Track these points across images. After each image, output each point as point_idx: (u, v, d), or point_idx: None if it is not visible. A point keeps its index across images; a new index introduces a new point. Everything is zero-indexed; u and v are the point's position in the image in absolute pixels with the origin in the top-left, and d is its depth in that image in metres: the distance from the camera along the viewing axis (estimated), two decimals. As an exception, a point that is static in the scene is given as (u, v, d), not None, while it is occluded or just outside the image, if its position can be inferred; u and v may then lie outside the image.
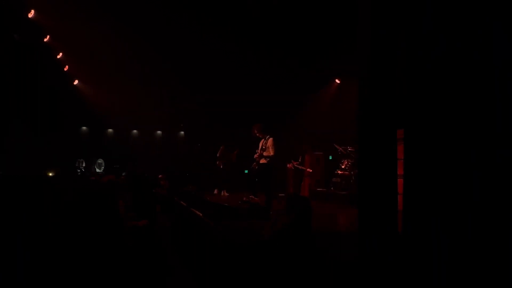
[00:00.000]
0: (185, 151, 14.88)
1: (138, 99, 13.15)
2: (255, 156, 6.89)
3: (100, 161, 13.98)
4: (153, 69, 12.07)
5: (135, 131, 15.44)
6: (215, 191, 9.82)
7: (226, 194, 9.56)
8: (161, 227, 6.48)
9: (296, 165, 10.24)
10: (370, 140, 2.38)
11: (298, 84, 11.65)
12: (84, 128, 14.86)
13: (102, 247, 3.09)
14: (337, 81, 11.89)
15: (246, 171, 13.54)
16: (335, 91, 12.09)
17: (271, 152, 6.65)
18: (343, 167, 9.43)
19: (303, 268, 3.16)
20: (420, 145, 1.85)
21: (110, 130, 15.12)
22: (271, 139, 6.72)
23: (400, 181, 2.25)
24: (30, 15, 9.17)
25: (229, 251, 4.57)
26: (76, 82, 12.94)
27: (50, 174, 12.14)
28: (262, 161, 6.72)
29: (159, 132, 15.70)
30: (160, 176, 9.13)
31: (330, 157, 11.38)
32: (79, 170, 13.19)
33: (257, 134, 6.84)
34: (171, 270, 6.04)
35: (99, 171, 13.64)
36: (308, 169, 10.05)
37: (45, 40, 10.46)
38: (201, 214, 6.32)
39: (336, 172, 9.66)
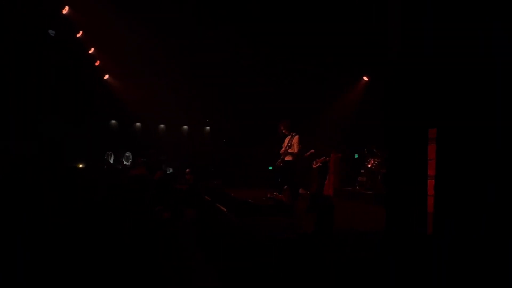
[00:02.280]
0: (210, 146, 15.03)
1: (165, 94, 13.35)
2: (281, 151, 6.88)
3: (128, 154, 14.31)
4: (181, 65, 12.22)
5: (162, 125, 15.70)
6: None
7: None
8: (186, 221, 6.57)
9: (320, 162, 10.18)
10: (399, 139, 2.32)
11: (326, 81, 11.53)
12: (113, 121, 15.22)
13: (132, 237, 3.17)
14: (365, 78, 11.69)
15: (270, 168, 13.57)
16: (363, 88, 11.89)
17: (295, 149, 6.62)
18: (369, 166, 9.28)
19: (325, 266, 3.14)
20: (455, 145, 1.79)
21: (138, 124, 15.43)
22: (297, 136, 6.68)
23: (431, 182, 2.19)
24: (64, 12, 9.46)
25: (252, 247, 4.59)
26: (106, 76, 13.27)
27: (80, 166, 12.54)
28: (287, 158, 6.70)
29: (185, 127, 15.91)
30: (187, 170, 9.26)
31: (356, 156, 11.23)
32: (105, 164, 13.55)
33: (284, 131, 6.81)
34: (194, 264, 6.12)
35: (126, 163, 13.97)
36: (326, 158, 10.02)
37: (78, 35, 10.78)
38: (225, 210, 6.38)
39: (362, 171, 9.52)
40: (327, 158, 10.27)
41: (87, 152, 12.80)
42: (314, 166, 10.29)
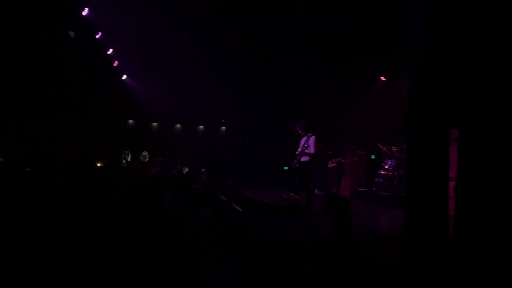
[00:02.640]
0: (226, 146, 15.08)
1: (182, 94, 13.47)
2: (297, 152, 6.84)
3: (144, 153, 14.47)
4: (197, 65, 12.30)
5: (178, 125, 15.82)
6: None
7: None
8: (201, 221, 6.60)
9: (335, 163, 10.10)
10: (420, 140, 2.26)
11: (342, 82, 11.43)
12: (130, 121, 15.42)
13: (149, 237, 3.18)
14: (382, 79, 11.53)
15: (285, 168, 13.52)
16: (379, 89, 11.73)
17: (312, 150, 6.57)
18: (386, 167, 9.14)
19: (342, 270, 3.09)
20: (479, 146, 1.74)
21: (154, 123, 15.59)
22: (313, 137, 6.63)
23: (452, 184, 2.13)
24: (84, 13, 9.63)
25: (267, 248, 4.57)
26: (124, 77, 13.46)
27: (98, 165, 12.73)
28: (303, 158, 6.65)
29: (201, 126, 16.00)
30: (203, 170, 9.30)
31: (373, 157, 11.10)
32: (124, 161, 13.73)
33: (300, 132, 6.77)
34: (209, 263, 6.14)
35: (143, 162, 14.13)
36: (341, 160, 9.94)
37: (97, 36, 10.96)
38: (240, 210, 6.38)
39: (378, 172, 9.39)
40: (343, 160, 10.17)
41: (105, 151, 13.00)
42: (329, 166, 10.21)
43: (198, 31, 10.31)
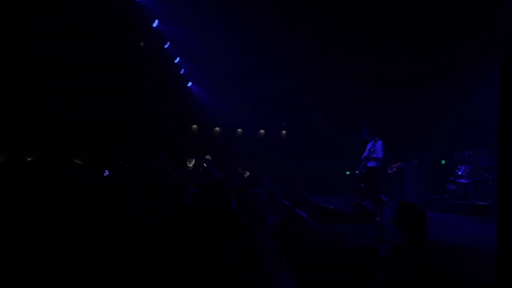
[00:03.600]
0: (286, 150, 15.08)
1: (244, 99, 13.73)
2: (363, 158, 6.64)
3: (208, 157, 14.93)
4: (258, 70, 12.47)
5: (239, 129, 16.14)
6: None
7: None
8: (267, 226, 6.65)
9: (396, 168, 9.62)
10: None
11: (409, 80, 10.89)
12: (194, 126, 16.03)
13: (219, 240, 3.28)
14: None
15: (347, 173, 13.18)
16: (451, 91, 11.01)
17: (380, 154, 6.34)
18: (460, 173, 8.56)
19: (418, 283, 2.95)
20: None
21: (217, 128, 16.06)
22: (380, 141, 6.41)
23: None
24: (154, 25, 10.22)
25: (334, 255, 4.48)
26: (189, 84, 14.04)
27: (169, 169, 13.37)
28: (370, 164, 6.44)
29: (262, 131, 16.17)
30: (266, 175, 9.42)
31: (443, 162, 10.44)
32: (189, 165, 14.25)
33: (366, 136, 6.57)
34: (274, 268, 6.16)
35: (205, 166, 14.59)
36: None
37: (166, 46, 11.56)
38: (305, 215, 6.34)
39: (451, 178, 8.82)
40: (403, 165, 9.68)
41: (170, 155, 13.63)
42: (390, 172, 9.73)
43: (260, 36, 10.43)
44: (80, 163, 11.43)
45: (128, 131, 13.42)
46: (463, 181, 8.37)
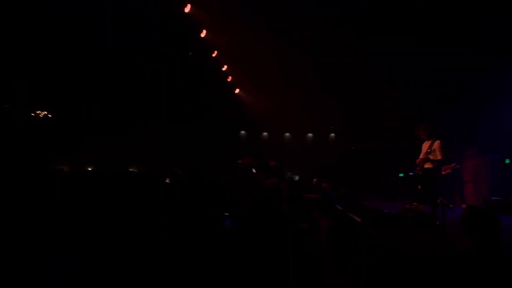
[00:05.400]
0: (336, 153, 14.83)
1: (291, 103, 13.68)
2: (417, 161, 6.33)
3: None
4: (306, 75, 12.38)
5: (287, 134, 16.12)
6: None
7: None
8: (321, 232, 6.55)
9: (450, 169, 9.08)
10: None
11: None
12: (242, 132, 16.23)
13: (273, 244, 3.28)
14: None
15: (400, 175, 12.68)
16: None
17: (438, 156, 6.00)
18: (528, 173, 7.94)
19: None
20: None
21: (265, 133, 16.14)
22: (438, 141, 6.06)
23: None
24: (202, 35, 10.51)
25: (393, 263, 4.30)
26: (237, 90, 14.25)
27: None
28: (427, 165, 6.11)
29: (310, 134, 16.04)
30: (314, 180, 9.29)
31: (507, 161, 9.76)
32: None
33: (422, 136, 6.26)
34: (328, 273, 6.04)
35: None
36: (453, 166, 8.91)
37: (213, 55, 11.83)
38: (360, 220, 6.16)
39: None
40: (458, 165, 9.11)
41: (217, 161, 13.90)
42: (443, 173, 9.18)
43: (309, 44, 10.41)
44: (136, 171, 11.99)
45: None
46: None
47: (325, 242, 6.39)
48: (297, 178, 14.54)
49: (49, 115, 15.04)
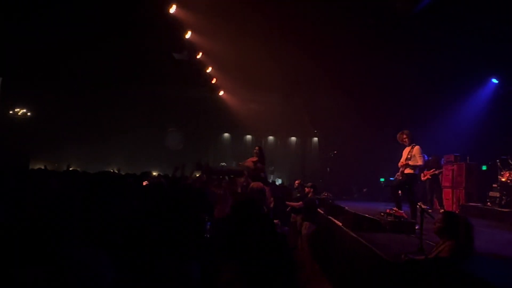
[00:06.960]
0: (318, 157, 14.94)
1: (275, 107, 13.75)
2: (399, 165, 6.45)
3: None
4: (290, 79, 12.45)
5: (271, 137, 16.16)
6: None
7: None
8: (303, 235, 6.59)
9: (429, 175, 9.28)
10: None
11: (444, 83, 10.58)
12: (226, 134, 16.20)
13: (257, 248, 3.28)
14: (494, 81, 10.40)
15: (381, 180, 12.87)
16: (491, 92, 10.60)
17: (418, 161, 6.13)
18: (503, 180, 8.17)
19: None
20: None
21: (248, 136, 16.15)
22: (417, 147, 6.21)
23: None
24: (186, 36, 10.43)
25: (374, 266, 4.36)
26: (221, 92, 14.20)
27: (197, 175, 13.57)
28: (407, 171, 6.25)
29: (293, 138, 16.13)
30: (296, 182, 9.32)
31: (484, 167, 10.02)
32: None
33: (406, 141, 6.38)
34: (310, 277, 6.08)
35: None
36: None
37: (198, 57, 11.76)
38: (340, 223, 6.23)
39: (494, 185, 8.43)
40: (437, 171, 9.32)
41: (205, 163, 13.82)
42: (423, 179, 9.37)
43: (291, 48, 10.46)
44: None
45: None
46: (507, 188, 7.99)
47: (306, 246, 6.43)
48: (279, 181, 14.59)
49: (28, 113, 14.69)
